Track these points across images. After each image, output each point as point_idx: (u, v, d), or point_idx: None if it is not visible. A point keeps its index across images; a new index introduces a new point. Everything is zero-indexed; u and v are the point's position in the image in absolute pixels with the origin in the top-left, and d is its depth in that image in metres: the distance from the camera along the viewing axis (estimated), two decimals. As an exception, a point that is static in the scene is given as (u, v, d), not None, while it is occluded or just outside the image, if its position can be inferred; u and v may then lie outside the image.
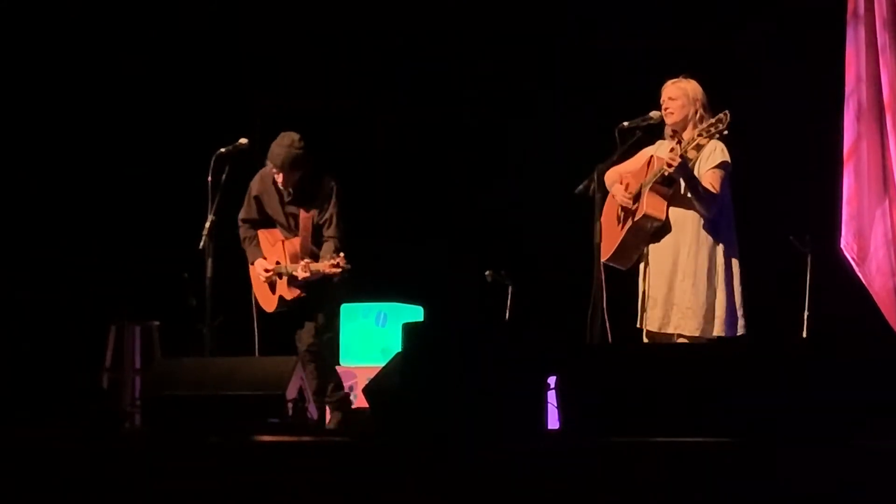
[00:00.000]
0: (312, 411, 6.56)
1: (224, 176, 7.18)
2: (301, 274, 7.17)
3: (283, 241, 7.38)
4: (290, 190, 7.33)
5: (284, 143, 7.22)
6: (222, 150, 7.26)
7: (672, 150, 6.35)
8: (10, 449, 5.08)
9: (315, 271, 7.15)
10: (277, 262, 7.34)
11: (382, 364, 6.49)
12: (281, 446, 5.12)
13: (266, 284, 7.41)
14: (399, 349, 5.87)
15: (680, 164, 6.28)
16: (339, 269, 7.07)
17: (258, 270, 7.40)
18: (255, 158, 7.45)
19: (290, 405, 6.13)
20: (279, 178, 7.29)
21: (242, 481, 4.80)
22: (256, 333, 7.44)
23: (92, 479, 4.90)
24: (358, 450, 4.98)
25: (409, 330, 5.74)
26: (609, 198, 6.66)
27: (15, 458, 5.02)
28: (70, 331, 8.88)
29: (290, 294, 7.29)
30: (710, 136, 6.35)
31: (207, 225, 7.15)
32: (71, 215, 9.21)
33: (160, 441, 5.49)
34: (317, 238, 7.33)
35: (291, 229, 7.38)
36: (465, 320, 7.96)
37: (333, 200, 7.30)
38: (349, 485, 4.72)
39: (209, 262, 7.13)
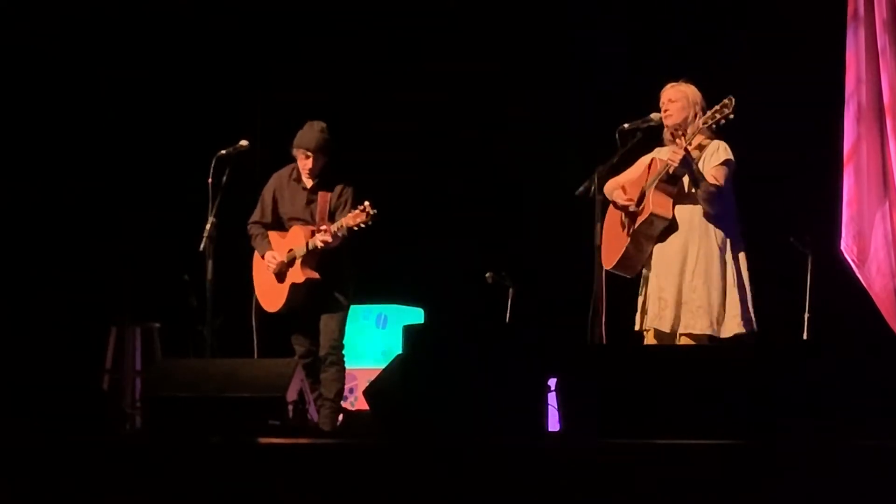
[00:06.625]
0: (313, 413, 6.57)
1: (225, 178, 7.18)
2: (323, 239, 7.14)
3: (294, 230, 7.36)
4: (315, 179, 7.37)
5: (315, 129, 7.37)
6: (223, 151, 7.27)
7: (676, 144, 6.35)
8: (11, 450, 5.08)
9: (339, 227, 7.15)
10: (290, 250, 7.33)
11: (383, 366, 6.49)
12: (281, 448, 5.12)
13: (271, 281, 7.39)
14: (400, 351, 5.88)
15: (684, 157, 6.26)
16: (366, 216, 7.08)
17: (267, 260, 7.38)
18: (255, 160, 7.44)
19: (290, 407, 6.13)
20: (308, 164, 7.34)
21: (242, 483, 4.80)
22: (255, 338, 7.42)
23: (92, 480, 4.90)
24: (358, 452, 4.98)
25: (410, 332, 5.75)
26: (610, 207, 6.64)
27: (15, 459, 5.02)
28: (71, 332, 8.86)
29: (303, 276, 7.24)
30: (716, 122, 6.33)
31: (208, 227, 7.15)
32: (72, 216, 9.20)
33: (161, 442, 5.48)
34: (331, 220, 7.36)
35: (309, 220, 7.37)
36: (466, 322, 7.97)
37: (351, 190, 7.36)
38: (349, 487, 4.72)
39: (209, 263, 7.13)
